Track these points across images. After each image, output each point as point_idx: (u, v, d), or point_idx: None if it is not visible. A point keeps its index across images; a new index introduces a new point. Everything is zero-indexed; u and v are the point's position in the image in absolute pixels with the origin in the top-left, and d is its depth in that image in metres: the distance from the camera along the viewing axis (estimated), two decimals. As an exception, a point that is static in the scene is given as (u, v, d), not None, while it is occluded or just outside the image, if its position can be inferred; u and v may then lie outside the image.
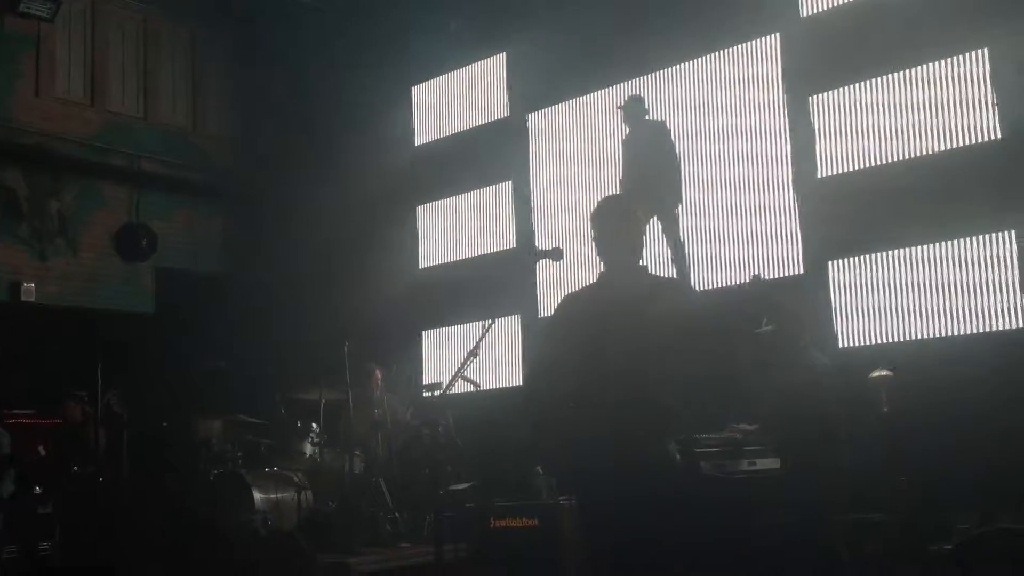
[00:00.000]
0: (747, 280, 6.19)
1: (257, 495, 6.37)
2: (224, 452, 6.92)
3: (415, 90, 9.62)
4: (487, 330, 4.81)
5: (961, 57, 6.35)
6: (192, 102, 10.30)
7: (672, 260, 7.36)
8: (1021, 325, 5.89)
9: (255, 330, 8.86)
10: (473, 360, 4.60)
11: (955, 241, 6.24)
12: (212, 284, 9.86)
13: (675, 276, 7.23)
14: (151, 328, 9.21)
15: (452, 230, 9.19)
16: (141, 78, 9.91)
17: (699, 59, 7.64)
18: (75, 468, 7.21)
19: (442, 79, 9.43)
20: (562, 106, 8.47)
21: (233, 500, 6.40)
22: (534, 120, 8.66)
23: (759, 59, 7.34)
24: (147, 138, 9.80)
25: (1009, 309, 5.97)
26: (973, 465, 4.48)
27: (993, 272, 6.07)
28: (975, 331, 6.06)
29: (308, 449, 7.07)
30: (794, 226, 7.03)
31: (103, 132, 9.51)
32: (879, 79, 6.69)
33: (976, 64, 6.30)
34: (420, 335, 9.15)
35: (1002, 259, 6.05)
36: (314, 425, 7.09)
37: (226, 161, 10.29)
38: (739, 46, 7.43)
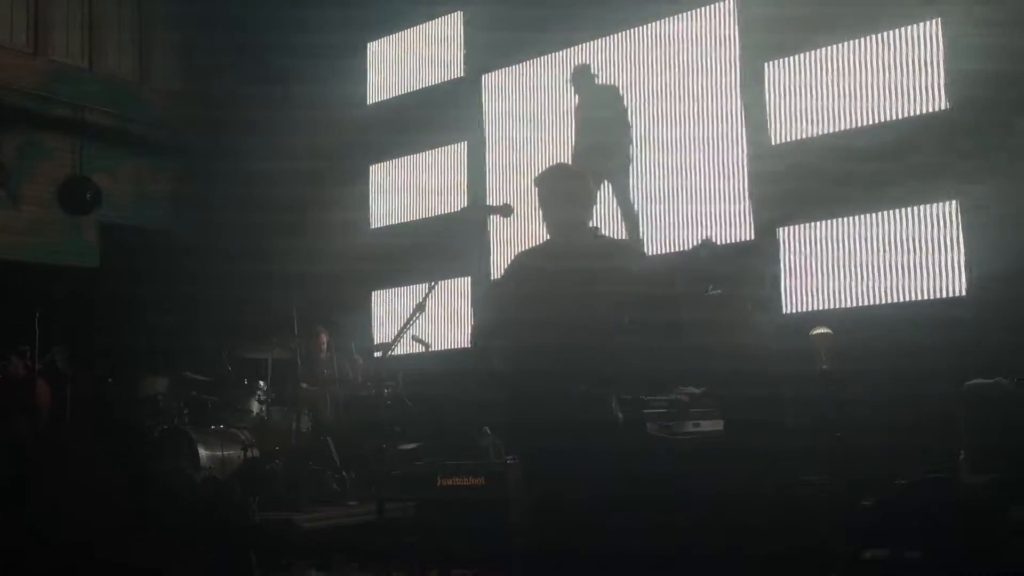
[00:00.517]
0: (698, 243, 6.19)
1: (202, 452, 6.33)
2: (169, 409, 6.85)
3: (371, 46, 9.48)
4: (432, 288, 4.79)
5: (915, 27, 6.41)
6: (139, 53, 10.05)
7: (623, 222, 7.39)
8: (961, 293, 6.01)
9: (203, 287, 8.74)
10: (419, 315, 4.57)
11: (901, 210, 6.33)
12: (159, 240, 9.69)
13: (626, 238, 7.27)
14: (96, 283, 9.04)
15: (405, 190, 9.11)
16: (87, 27, 9.63)
17: (656, 22, 7.62)
18: (16, 423, 7.08)
19: (398, 36, 9.30)
20: (518, 67, 8.40)
21: (178, 457, 6.34)
22: (490, 80, 8.58)
23: (716, 23, 7.34)
24: (93, 89, 9.55)
25: (951, 277, 6.09)
26: (909, 425, 4.59)
27: (936, 241, 6.18)
28: (917, 298, 6.17)
29: (255, 407, 7.02)
30: (745, 192, 7.08)
31: (47, 82, 9.25)
32: (833, 47, 6.72)
33: (929, 34, 6.36)
34: (370, 295, 9.09)
35: (946, 228, 6.16)
36: (261, 383, 7.04)
37: (175, 115, 10.07)
38: (696, 10, 7.42)
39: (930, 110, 6.30)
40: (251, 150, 9.44)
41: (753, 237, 7.00)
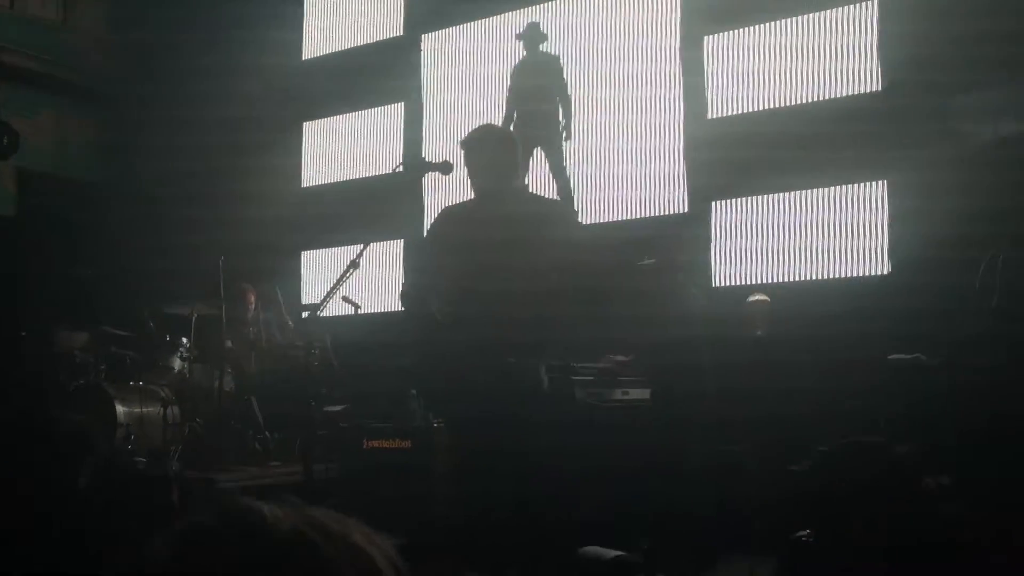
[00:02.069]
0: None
1: (120, 408, 6.14)
2: (86, 364, 6.63)
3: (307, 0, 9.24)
4: (366, 246, 4.70)
5: (851, 7, 6.48)
6: (62, -4, 9.63)
7: (556, 191, 7.37)
8: (886, 271, 6.14)
9: (126, 240, 8.47)
10: (352, 272, 4.48)
11: (833, 188, 6.43)
12: (81, 189, 9.35)
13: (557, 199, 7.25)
14: (11, 232, 8.68)
15: (339, 150, 8.94)
16: (7, -35, 9.19)
17: (600, -9, 7.57)
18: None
19: (336, -9, 9.09)
20: (457, 28, 8.28)
21: (94, 413, 6.15)
22: (429, 41, 8.44)
23: (657, -5, 7.32)
24: (12, 29, 9.11)
25: (877, 255, 6.22)
26: (838, 395, 4.70)
27: (865, 217, 6.30)
28: (845, 275, 6.30)
29: (177, 364, 6.84)
30: (681, 165, 7.11)
31: (-38, 20, 8.81)
32: (773, 23, 6.77)
33: (865, 16, 6.44)
34: (300, 255, 8.92)
35: (874, 206, 6.28)
36: (184, 340, 6.85)
37: (99, 60, 9.68)
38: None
39: (864, 91, 6.40)
40: (180, 101, 9.13)
41: (687, 210, 7.04)
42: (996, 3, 5.46)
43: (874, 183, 6.30)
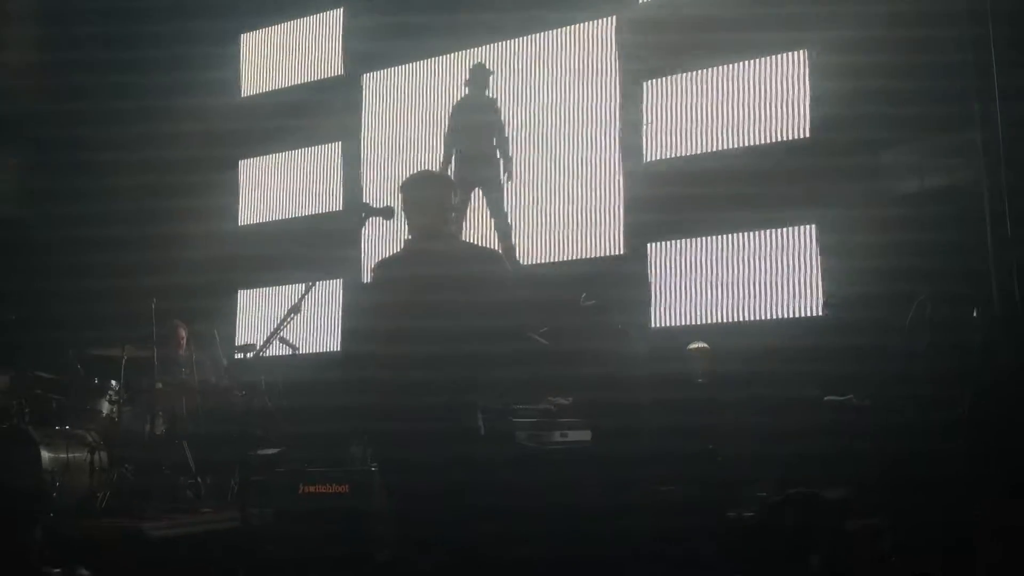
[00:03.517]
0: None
1: (45, 454, 5.92)
2: (10, 408, 6.39)
3: (244, 37, 9.18)
4: (308, 291, 4.66)
5: (781, 56, 6.68)
6: (-10, 32, 9.40)
7: (495, 231, 7.41)
8: (816, 313, 6.29)
9: (53, 281, 8.23)
10: (293, 317, 4.43)
11: (765, 231, 6.58)
12: (6, 229, 9.06)
13: (499, 248, 7.29)
14: (-67, 273, 8.39)
15: (276, 188, 8.86)
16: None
17: (537, 34, 7.68)
18: None
19: (275, 29, 9.04)
20: (398, 69, 8.31)
21: (17, 459, 5.93)
22: (369, 81, 8.46)
23: (597, 39, 7.46)
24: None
25: (808, 296, 6.37)
26: (773, 438, 4.76)
27: (796, 262, 6.45)
28: (779, 316, 6.42)
29: (105, 408, 6.64)
30: (618, 207, 7.20)
31: None
32: (708, 71, 6.93)
33: (794, 65, 6.65)
34: (236, 295, 8.79)
35: (804, 250, 6.44)
36: (113, 383, 6.67)
37: (25, 94, 9.43)
38: (578, 25, 7.52)
39: (794, 136, 6.58)
40: (111, 137, 8.96)
41: (623, 251, 7.13)
42: (917, 62, 5.67)
43: (804, 227, 6.46)
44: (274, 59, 9.04)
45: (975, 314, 4.30)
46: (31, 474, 5.82)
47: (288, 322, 4.33)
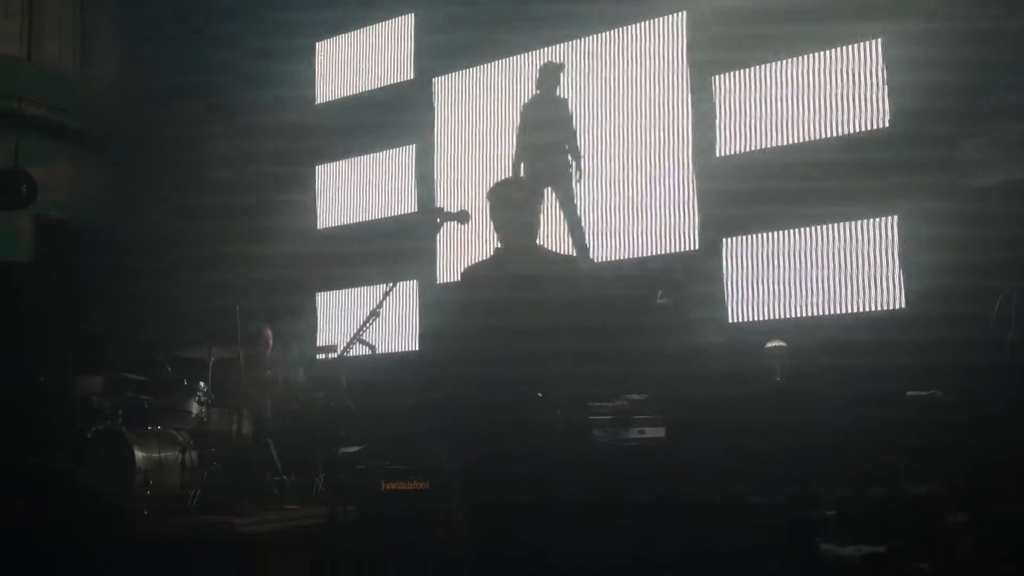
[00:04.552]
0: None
1: (139, 454, 6.15)
2: (104, 410, 6.64)
3: (319, 46, 9.38)
4: (389, 292, 4.76)
5: (856, 46, 6.56)
6: (80, 44, 9.78)
7: (569, 232, 7.44)
8: (900, 306, 6.16)
9: (143, 286, 8.54)
10: (374, 320, 4.54)
11: (844, 224, 6.47)
12: (97, 236, 9.43)
13: (572, 248, 7.33)
14: (30, 279, 8.75)
15: (352, 192, 9.04)
16: (25, 16, 9.35)
17: (607, 32, 7.69)
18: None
19: (347, 36, 9.22)
20: (468, 72, 8.40)
21: (113, 459, 6.17)
22: (440, 84, 8.57)
23: (666, 36, 7.43)
24: (30, 80, 9.27)
25: (891, 290, 6.25)
26: (856, 431, 4.70)
27: (877, 254, 6.33)
28: (859, 310, 6.31)
29: (195, 408, 6.85)
30: (691, 203, 7.17)
31: (-18, 73, 8.96)
32: (780, 63, 6.86)
33: (870, 54, 6.53)
34: (315, 297, 8.99)
35: (886, 243, 6.32)
36: (201, 384, 6.88)
37: (115, 109, 9.81)
38: (646, 22, 7.50)
39: (872, 127, 6.46)
40: (194, 146, 9.27)
41: (698, 247, 7.09)
42: (1000, 47, 5.52)
43: (885, 218, 6.34)
44: (348, 66, 9.21)
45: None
46: (126, 474, 6.06)
47: (369, 325, 4.43)
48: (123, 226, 9.61)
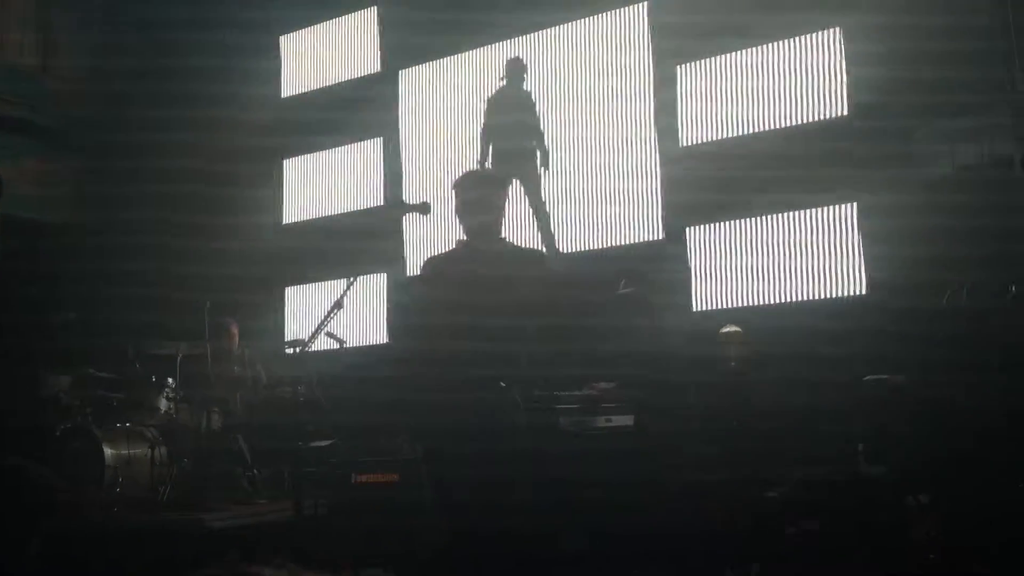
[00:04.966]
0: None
1: (108, 451, 6.17)
2: (72, 407, 6.64)
3: (283, 39, 9.35)
4: (351, 284, 4.80)
5: (816, 35, 6.65)
6: (43, 41, 9.68)
7: (536, 222, 7.49)
8: (861, 292, 6.27)
9: (109, 283, 8.50)
10: (337, 312, 4.57)
11: (804, 211, 6.56)
12: (63, 233, 9.36)
13: (539, 239, 7.38)
14: (-4, 277, 8.69)
15: (319, 185, 9.02)
16: (-13, 12, 9.25)
17: (570, 24, 7.72)
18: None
19: (312, 29, 9.19)
20: (434, 64, 8.40)
21: (82, 456, 6.17)
22: (406, 77, 8.57)
23: (629, 26, 7.48)
24: (-7, 76, 9.17)
25: (851, 278, 6.35)
26: (816, 415, 4.79)
27: (837, 241, 6.43)
28: (820, 297, 6.41)
29: (163, 405, 6.86)
30: (656, 192, 7.23)
31: (-57, 69, 8.85)
32: (741, 52, 6.93)
33: (830, 42, 6.62)
34: (283, 291, 8.98)
35: (846, 229, 6.42)
36: (170, 380, 6.88)
37: (80, 106, 9.73)
38: (609, 12, 7.55)
39: (832, 116, 6.55)
40: (160, 142, 9.20)
41: (662, 237, 7.16)
42: (954, 33, 5.62)
43: (844, 205, 6.43)
44: (313, 59, 9.19)
45: (1012, 293, 4.29)
46: (95, 471, 6.05)
47: (332, 317, 4.47)
48: (91, 223, 9.55)
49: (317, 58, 9.16)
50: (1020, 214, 4.46)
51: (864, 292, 6.27)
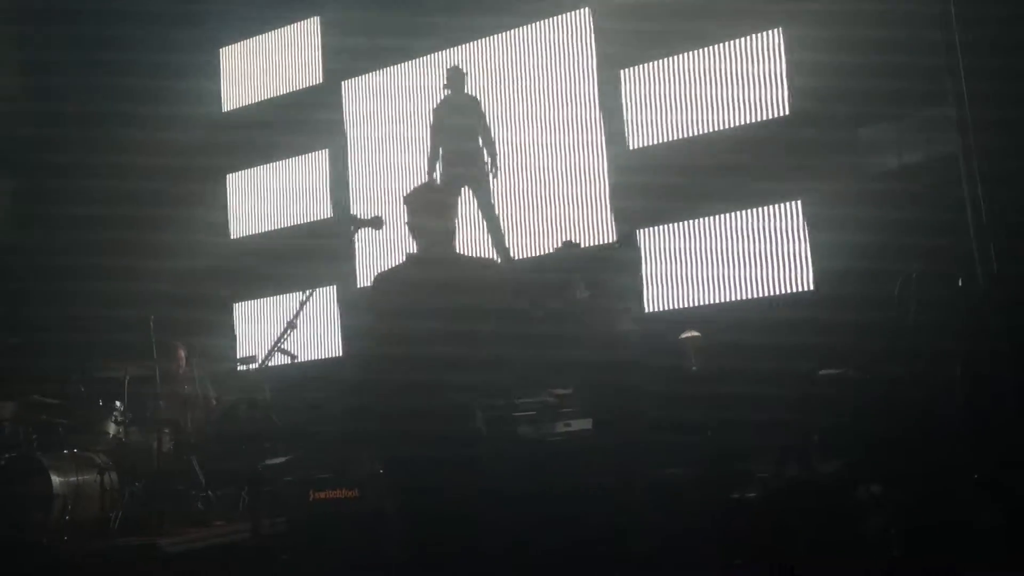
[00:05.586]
0: (559, 245, 6.42)
1: (55, 478, 5.98)
2: (17, 435, 6.45)
3: (223, 52, 9.21)
4: (306, 300, 4.73)
5: (758, 36, 6.75)
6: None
7: (487, 229, 7.48)
8: (808, 288, 6.37)
9: (51, 305, 8.28)
10: (291, 332, 4.51)
11: (751, 210, 6.65)
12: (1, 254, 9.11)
13: (492, 249, 7.38)
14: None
15: (265, 200, 8.91)
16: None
17: (514, 31, 7.74)
18: None
19: (253, 41, 9.08)
20: (378, 73, 8.36)
21: (28, 486, 5.98)
22: (349, 87, 8.50)
23: (573, 32, 7.52)
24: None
25: (798, 273, 6.45)
26: (769, 417, 4.83)
27: (784, 238, 6.53)
28: (770, 294, 6.50)
29: (112, 428, 6.69)
30: (605, 195, 7.27)
31: None
32: (684, 55, 7.00)
33: (771, 43, 6.72)
34: (231, 307, 8.84)
35: (791, 227, 6.52)
36: (118, 403, 6.72)
37: (13, 122, 9.47)
38: (553, 18, 7.57)
39: (774, 115, 6.65)
40: (98, 160, 8.99)
41: (615, 238, 7.20)
42: (892, 38, 5.74)
43: (789, 203, 6.53)
44: (254, 72, 9.07)
45: (959, 284, 4.38)
46: (43, 500, 5.88)
47: (286, 337, 4.41)
48: (28, 244, 9.30)
49: (258, 71, 9.04)
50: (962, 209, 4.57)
51: (811, 287, 6.37)
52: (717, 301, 6.68)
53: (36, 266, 8.94)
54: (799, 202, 6.50)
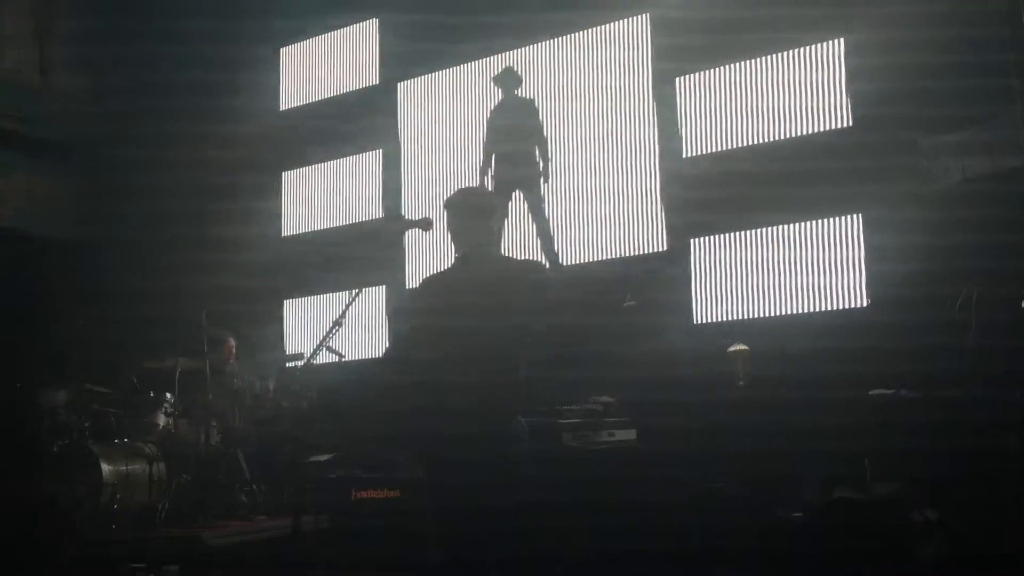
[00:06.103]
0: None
1: (105, 467, 6.10)
2: (69, 423, 6.58)
3: (283, 52, 9.32)
4: (353, 299, 4.75)
5: (819, 46, 6.63)
6: (39, 54, 9.63)
7: (538, 237, 7.45)
8: (864, 304, 6.22)
9: (107, 298, 8.43)
10: (337, 330, 4.53)
11: (808, 222, 6.52)
12: (59, 249, 9.30)
13: (541, 253, 7.35)
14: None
15: (318, 198, 8.98)
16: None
17: (570, 35, 7.70)
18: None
19: (311, 42, 9.16)
20: (434, 76, 8.37)
21: (79, 473, 6.10)
22: (405, 89, 8.54)
23: (629, 37, 7.45)
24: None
25: (854, 288, 6.31)
26: (819, 436, 4.73)
27: (841, 252, 6.39)
28: (823, 309, 6.36)
29: (161, 420, 6.81)
30: (658, 204, 7.19)
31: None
32: (742, 64, 6.90)
33: (832, 54, 6.60)
34: (282, 304, 8.93)
35: (850, 240, 6.38)
36: (168, 395, 6.83)
37: (76, 120, 9.68)
38: (610, 24, 7.52)
39: (834, 127, 6.52)
40: (157, 156, 9.15)
41: (665, 248, 7.12)
42: (958, 42, 5.60)
43: (848, 217, 6.39)
44: (313, 72, 9.16)
45: (1022, 306, 4.24)
46: (93, 488, 5.99)
47: (333, 334, 4.42)
48: (85, 237, 9.49)
49: (316, 70, 9.13)
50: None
51: (866, 305, 6.22)
52: (768, 315, 6.55)
53: (93, 257, 9.13)
54: (858, 216, 6.35)
